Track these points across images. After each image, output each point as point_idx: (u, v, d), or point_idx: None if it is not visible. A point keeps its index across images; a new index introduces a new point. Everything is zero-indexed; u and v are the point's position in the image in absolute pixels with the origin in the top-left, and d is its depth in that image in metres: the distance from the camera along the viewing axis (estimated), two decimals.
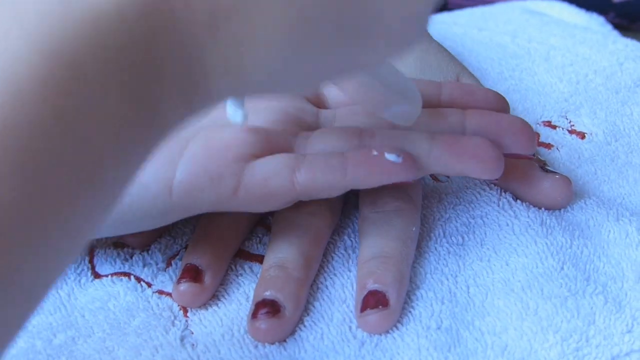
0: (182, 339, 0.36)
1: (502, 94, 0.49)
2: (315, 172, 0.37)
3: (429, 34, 0.49)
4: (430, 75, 0.45)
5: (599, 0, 0.70)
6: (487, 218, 0.41)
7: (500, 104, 0.42)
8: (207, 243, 0.39)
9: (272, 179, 0.36)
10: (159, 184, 0.36)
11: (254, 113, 0.38)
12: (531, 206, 0.41)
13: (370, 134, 0.39)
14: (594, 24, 0.66)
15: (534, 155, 0.41)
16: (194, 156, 0.36)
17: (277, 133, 0.39)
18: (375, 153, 0.37)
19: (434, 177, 0.44)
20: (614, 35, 0.61)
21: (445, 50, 0.48)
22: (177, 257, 0.40)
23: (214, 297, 0.38)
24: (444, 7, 0.72)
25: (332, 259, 0.39)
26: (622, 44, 0.56)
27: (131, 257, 0.40)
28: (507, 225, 0.40)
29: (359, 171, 0.37)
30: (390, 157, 0.36)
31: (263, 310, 0.36)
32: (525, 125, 0.40)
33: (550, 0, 0.68)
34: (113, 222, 0.36)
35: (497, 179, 0.39)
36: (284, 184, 0.37)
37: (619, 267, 0.38)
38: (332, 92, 0.43)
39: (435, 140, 0.38)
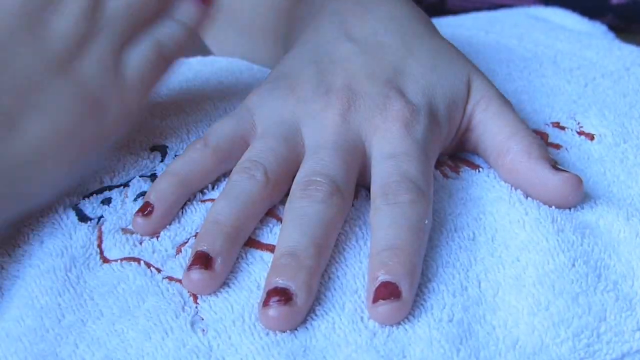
0: (192, 324, 0.36)
1: (511, 94, 0.50)
2: None
3: (440, 33, 0.49)
4: (442, 72, 0.45)
5: (597, 2, 0.70)
6: (498, 214, 0.41)
7: None
8: (218, 230, 0.38)
9: None
10: None
11: None
12: (542, 204, 0.41)
13: None
14: (597, 32, 0.66)
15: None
16: None
17: None
18: None
19: (443, 173, 0.44)
20: (617, 42, 0.61)
21: (456, 48, 0.47)
22: (187, 244, 0.40)
23: (224, 284, 0.37)
24: (442, 6, 0.72)
25: (344, 250, 0.39)
26: (628, 50, 0.57)
27: (140, 244, 0.40)
28: (518, 221, 0.40)
29: None
30: None
31: (274, 298, 0.35)
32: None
33: (553, 8, 0.69)
34: None
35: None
36: None
37: (629, 265, 0.39)
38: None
39: None
